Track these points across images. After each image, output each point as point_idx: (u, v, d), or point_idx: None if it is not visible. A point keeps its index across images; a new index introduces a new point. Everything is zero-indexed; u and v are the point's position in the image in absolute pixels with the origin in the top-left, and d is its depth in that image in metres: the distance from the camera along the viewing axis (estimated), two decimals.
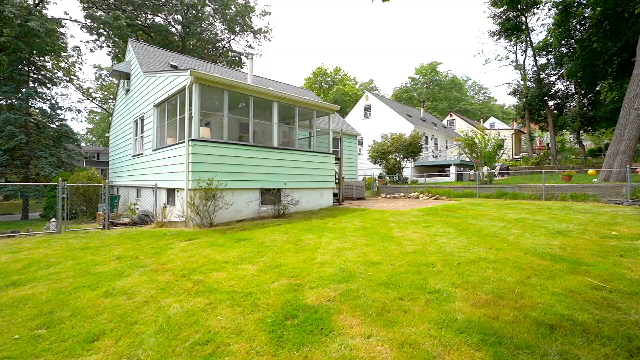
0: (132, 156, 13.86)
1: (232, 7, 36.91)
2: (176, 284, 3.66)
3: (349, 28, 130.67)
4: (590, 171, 16.27)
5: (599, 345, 2.24)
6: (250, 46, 41.80)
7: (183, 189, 8.56)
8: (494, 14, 26.87)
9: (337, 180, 13.65)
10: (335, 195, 13.61)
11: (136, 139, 13.64)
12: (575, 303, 2.92)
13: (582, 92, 26.15)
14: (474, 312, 2.73)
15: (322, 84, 63.54)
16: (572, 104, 27.75)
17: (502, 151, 16.44)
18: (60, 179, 9.12)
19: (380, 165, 20.88)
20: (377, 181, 20.47)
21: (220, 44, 41.19)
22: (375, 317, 2.72)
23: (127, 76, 15.11)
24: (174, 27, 36.16)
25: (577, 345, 2.25)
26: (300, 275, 3.88)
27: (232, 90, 9.14)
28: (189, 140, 8.36)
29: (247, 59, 12.67)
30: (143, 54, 14.48)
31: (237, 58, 41.71)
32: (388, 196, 17.23)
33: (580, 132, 27.99)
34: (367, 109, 29.85)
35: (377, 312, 2.82)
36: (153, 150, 11.18)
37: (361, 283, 3.56)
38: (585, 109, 26.20)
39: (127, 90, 15.19)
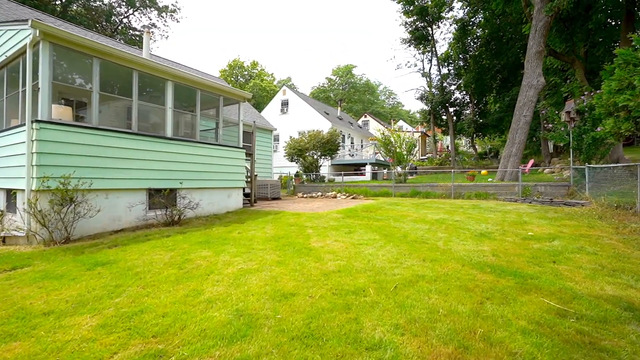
0: None
1: None
2: None
3: (267, 19, 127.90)
4: (483, 171, 17.99)
5: None
6: (153, 24, 36.81)
7: (24, 190, 6.08)
8: (406, 22, 28.44)
9: (248, 179, 12.11)
10: (247, 195, 12.04)
11: None
12: (556, 346, 2.15)
13: (475, 101, 29.57)
14: None
15: (239, 77, 60.23)
16: (467, 112, 31.21)
17: (414, 151, 17.04)
18: None
19: (297, 163, 19.95)
20: (293, 180, 19.46)
21: (116, 18, 35.21)
22: None
23: None
24: None
25: None
26: (169, 332, 2.42)
27: (105, 58, 6.86)
28: (32, 122, 5.95)
29: (144, 33, 10.19)
30: None
31: (137, 37, 36.22)
32: (305, 195, 16.36)
33: (474, 136, 31.67)
34: (285, 104, 28.65)
35: None
36: None
37: (265, 339, 2.29)
38: (477, 116, 29.68)
39: None
